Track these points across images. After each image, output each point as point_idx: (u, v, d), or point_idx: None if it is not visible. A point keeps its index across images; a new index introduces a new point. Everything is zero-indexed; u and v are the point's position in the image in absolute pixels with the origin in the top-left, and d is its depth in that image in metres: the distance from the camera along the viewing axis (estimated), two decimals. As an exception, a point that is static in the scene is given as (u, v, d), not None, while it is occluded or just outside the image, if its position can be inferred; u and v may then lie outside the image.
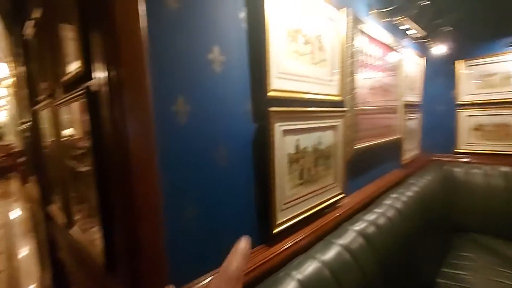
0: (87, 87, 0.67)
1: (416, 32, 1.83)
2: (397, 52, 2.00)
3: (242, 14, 0.88)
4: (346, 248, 1.15)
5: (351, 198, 1.50)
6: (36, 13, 1.00)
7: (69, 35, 0.75)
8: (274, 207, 0.99)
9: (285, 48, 1.01)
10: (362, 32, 1.52)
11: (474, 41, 2.56)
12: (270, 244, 1.00)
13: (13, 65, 1.97)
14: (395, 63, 2.00)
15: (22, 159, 4.24)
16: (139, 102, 0.63)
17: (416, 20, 1.75)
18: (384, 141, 1.85)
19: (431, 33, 2.13)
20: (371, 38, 1.66)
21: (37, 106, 1.24)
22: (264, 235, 0.99)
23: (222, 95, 0.84)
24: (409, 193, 1.83)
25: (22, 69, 1.40)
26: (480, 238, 2.37)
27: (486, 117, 2.59)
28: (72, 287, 1.23)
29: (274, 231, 1.00)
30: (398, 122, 2.08)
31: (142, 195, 0.64)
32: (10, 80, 5.27)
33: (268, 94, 0.93)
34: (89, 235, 0.87)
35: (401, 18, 1.61)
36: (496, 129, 2.56)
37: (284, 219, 1.04)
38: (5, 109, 10.65)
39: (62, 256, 1.29)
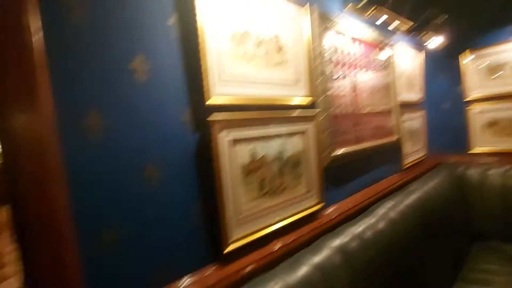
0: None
1: (401, 24, 1.70)
2: (386, 48, 1.87)
3: (172, 21, 0.84)
4: (318, 267, 1.03)
5: (335, 209, 1.37)
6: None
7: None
8: (225, 223, 0.91)
9: (230, 52, 0.95)
10: (335, 29, 1.44)
11: (477, 29, 2.36)
12: (223, 263, 0.91)
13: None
14: (384, 60, 1.87)
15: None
16: (36, 118, 0.60)
17: (400, 11, 1.63)
18: (376, 145, 1.71)
19: (424, 24, 1.98)
20: (350, 35, 1.56)
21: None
22: (215, 254, 0.91)
23: (150, 106, 0.79)
24: (408, 201, 1.65)
25: None
26: (502, 246, 2.10)
27: (501, 112, 2.34)
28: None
29: (227, 250, 0.91)
30: (394, 123, 1.92)
31: (43, 218, 0.60)
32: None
33: (208, 102, 0.87)
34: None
35: (375, 9, 1.50)
36: (513, 124, 2.30)
37: (240, 236, 0.95)
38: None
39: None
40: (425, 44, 2.27)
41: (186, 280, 0.83)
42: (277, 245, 1.05)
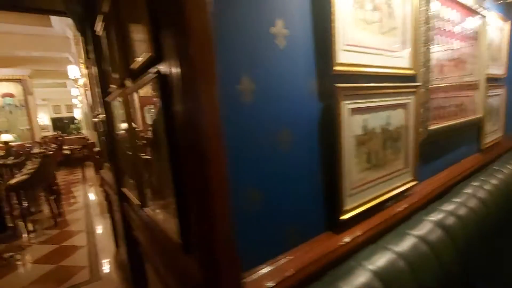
0: (158, 70, 0.68)
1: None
2: (479, 15, 1.70)
3: (305, -18, 0.81)
4: (423, 239, 1.03)
5: (424, 186, 1.34)
6: (105, 7, 1.06)
7: (138, 21, 0.77)
8: (342, 192, 0.92)
9: (352, 17, 0.90)
10: (437, -6, 1.31)
11: None
12: (337, 231, 0.93)
13: (85, 64, 2.18)
14: (476, 29, 1.70)
15: (97, 149, 4.81)
16: (207, 82, 0.61)
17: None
18: (461, 122, 1.61)
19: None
20: (449, 1, 1.42)
21: (109, 97, 1.36)
22: (330, 221, 0.93)
23: (286, 73, 0.78)
24: (494, 181, 1.57)
25: (94, 64, 1.54)
26: None
27: None
28: (146, 263, 1.34)
29: (342, 218, 0.93)
30: (479, 99, 1.78)
31: (214, 178, 0.63)
32: (82, 80, 5.98)
33: (334, 68, 0.85)
34: (163, 216, 0.92)
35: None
36: None
37: (352, 206, 0.97)
38: (78, 107, 12.26)
39: (136, 234, 1.41)
40: (516, 12, 2.02)
41: (308, 244, 0.87)
42: (379, 219, 1.06)
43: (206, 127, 0.63)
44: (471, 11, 1.62)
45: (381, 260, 0.91)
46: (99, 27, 1.22)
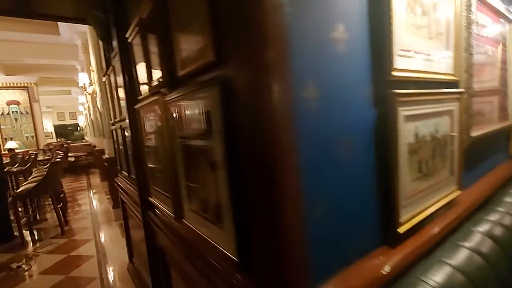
0: (220, 75, 0.64)
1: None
2: (508, 20, 1.67)
3: (363, -15, 0.78)
4: (476, 251, 0.98)
5: (467, 195, 1.28)
6: (143, 13, 1.03)
7: (191, 28, 0.74)
8: (398, 203, 0.87)
9: (404, 21, 0.87)
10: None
11: None
12: (393, 246, 0.88)
13: (104, 71, 2.15)
14: (505, 35, 1.68)
15: (105, 156, 4.77)
16: (281, 88, 0.58)
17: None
18: (499, 128, 1.57)
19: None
20: (482, 4, 1.39)
21: (139, 105, 1.32)
22: (386, 235, 0.88)
23: (346, 78, 0.75)
24: (533, 190, 1.52)
25: (120, 71, 1.51)
26: None
27: None
28: (173, 274, 1.28)
29: (398, 231, 0.88)
30: (509, 105, 1.75)
31: (288, 192, 0.59)
32: (91, 88, 5.98)
33: (392, 74, 0.81)
34: (208, 229, 0.87)
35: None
36: None
37: (405, 218, 0.91)
38: (83, 114, 12.27)
39: (163, 244, 1.35)
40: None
41: (365, 260, 0.82)
42: (429, 231, 1.00)
43: (279, 136, 0.59)
44: (502, 16, 1.60)
45: (439, 275, 0.86)
46: (131, 33, 1.19)
